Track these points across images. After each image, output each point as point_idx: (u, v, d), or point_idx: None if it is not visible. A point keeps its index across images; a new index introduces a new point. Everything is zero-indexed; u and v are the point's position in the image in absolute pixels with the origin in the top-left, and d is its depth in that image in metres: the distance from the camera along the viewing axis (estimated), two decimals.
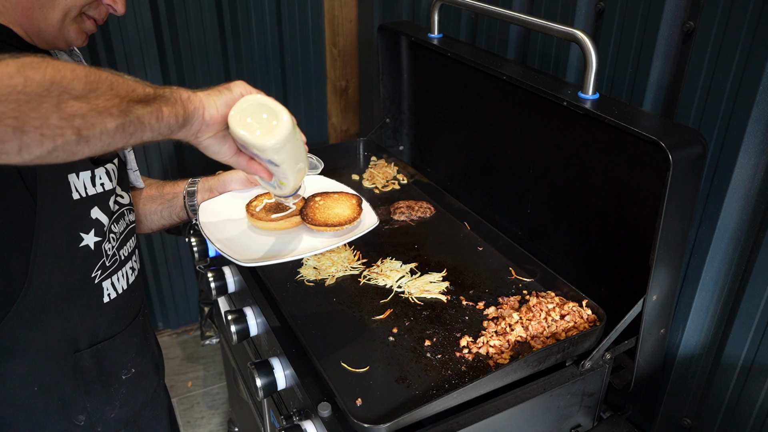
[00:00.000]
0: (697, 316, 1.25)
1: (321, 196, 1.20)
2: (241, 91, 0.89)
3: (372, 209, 1.19)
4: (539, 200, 1.50)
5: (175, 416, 1.39)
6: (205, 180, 1.28)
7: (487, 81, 1.52)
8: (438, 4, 1.61)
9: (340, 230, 1.11)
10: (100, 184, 0.99)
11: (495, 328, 1.21)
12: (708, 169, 1.15)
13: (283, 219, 1.13)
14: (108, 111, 0.69)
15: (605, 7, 1.31)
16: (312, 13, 2.59)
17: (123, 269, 1.08)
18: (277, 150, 0.88)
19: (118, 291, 1.06)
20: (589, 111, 1.14)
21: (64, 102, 0.65)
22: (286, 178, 0.98)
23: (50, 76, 0.64)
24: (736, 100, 1.08)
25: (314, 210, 1.15)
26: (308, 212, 1.15)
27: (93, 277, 1.01)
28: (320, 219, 1.13)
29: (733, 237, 1.16)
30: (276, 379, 1.22)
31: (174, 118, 0.80)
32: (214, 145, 0.90)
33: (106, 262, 1.03)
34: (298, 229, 1.15)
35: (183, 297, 2.88)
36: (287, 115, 0.88)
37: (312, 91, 2.76)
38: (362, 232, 1.12)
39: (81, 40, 0.99)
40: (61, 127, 0.65)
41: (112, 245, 1.04)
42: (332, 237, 1.12)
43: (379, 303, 1.31)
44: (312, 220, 1.12)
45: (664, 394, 1.36)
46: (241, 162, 0.95)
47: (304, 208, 1.16)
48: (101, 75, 0.70)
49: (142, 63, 2.36)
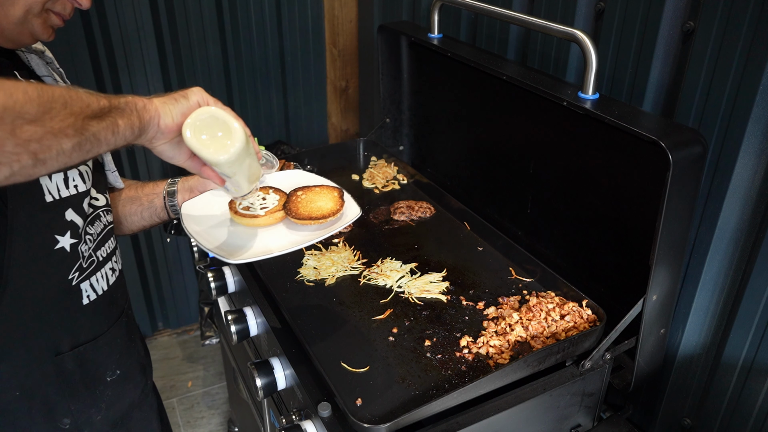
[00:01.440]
0: (697, 316, 1.25)
1: (303, 190, 1.21)
2: (198, 100, 0.89)
3: (354, 200, 1.20)
4: (539, 200, 1.50)
5: (167, 416, 1.38)
6: (185, 180, 1.28)
7: (487, 81, 1.52)
8: (438, 4, 1.61)
9: (324, 222, 1.12)
10: (73, 186, 0.98)
11: (495, 328, 1.21)
12: (708, 169, 1.15)
13: (267, 215, 1.14)
14: (64, 132, 0.69)
15: (605, 7, 1.31)
16: (312, 13, 2.59)
17: (102, 270, 1.07)
18: (229, 164, 0.90)
19: (98, 292, 1.05)
20: (589, 111, 1.14)
21: (18, 127, 0.64)
22: (238, 186, 1.02)
23: (2, 102, 0.63)
24: (736, 100, 1.08)
25: (297, 204, 1.16)
26: (291, 206, 1.15)
27: (70, 279, 1.00)
28: (304, 213, 1.14)
29: (733, 237, 1.16)
30: (276, 379, 1.22)
31: (130, 129, 0.80)
32: (168, 151, 0.92)
33: (83, 263, 1.02)
34: (282, 224, 1.16)
35: (183, 297, 2.88)
36: (240, 131, 0.89)
37: (312, 91, 2.76)
38: (346, 223, 1.13)
39: (47, 34, 0.96)
40: (17, 153, 0.64)
41: (88, 246, 1.03)
42: (317, 230, 1.13)
43: (379, 303, 1.31)
44: (296, 215, 1.13)
45: (664, 394, 1.36)
46: (194, 167, 0.96)
47: (287, 202, 1.17)
48: (54, 93, 0.69)
49: (142, 63, 2.36)
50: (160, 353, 2.84)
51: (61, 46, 2.17)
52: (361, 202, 1.70)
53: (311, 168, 1.89)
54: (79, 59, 2.24)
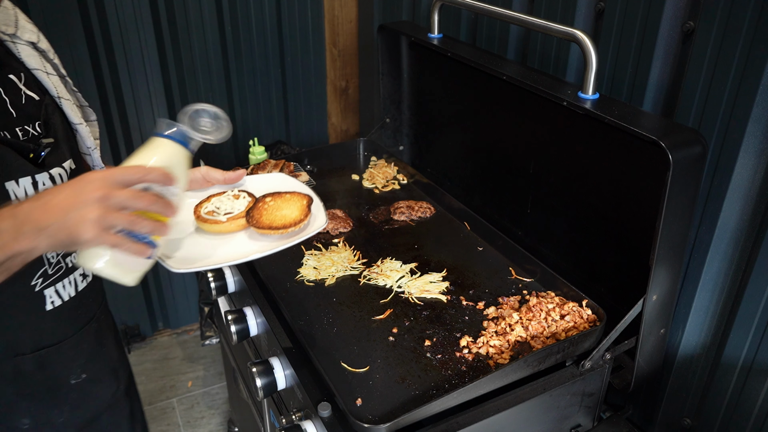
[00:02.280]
0: (697, 316, 1.25)
1: (272, 196, 1.13)
2: (91, 238, 0.75)
3: (324, 209, 1.13)
4: (539, 200, 1.50)
5: (144, 421, 1.35)
6: None
7: (487, 81, 1.52)
8: (438, 4, 1.61)
9: (285, 233, 1.06)
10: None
11: (495, 328, 1.21)
12: (708, 169, 1.15)
13: (229, 221, 1.08)
14: None
15: (605, 7, 1.31)
16: (312, 13, 2.59)
17: (71, 277, 1.05)
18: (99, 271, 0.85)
19: (63, 298, 1.04)
20: (589, 111, 1.14)
21: None
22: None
23: None
24: (736, 100, 1.08)
25: (261, 212, 1.10)
26: (254, 214, 1.09)
27: (33, 285, 0.98)
28: (265, 222, 1.07)
29: (733, 237, 1.16)
30: (276, 379, 1.22)
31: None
32: None
33: (49, 270, 1.00)
34: (243, 233, 1.09)
35: (183, 297, 2.88)
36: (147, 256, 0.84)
37: (312, 91, 2.76)
38: (308, 234, 1.07)
39: None
40: None
41: (56, 253, 1.00)
42: (277, 240, 1.06)
43: (379, 303, 1.31)
44: (257, 223, 1.07)
45: (664, 394, 1.36)
46: None
47: (251, 209, 1.10)
48: None
49: (142, 63, 2.36)
50: (160, 353, 2.84)
51: (61, 46, 2.17)
52: (361, 202, 1.71)
53: (311, 168, 1.89)
54: (79, 59, 2.24)
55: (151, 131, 0.90)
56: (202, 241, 1.07)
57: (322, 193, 1.77)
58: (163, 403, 2.58)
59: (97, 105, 2.35)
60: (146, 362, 2.79)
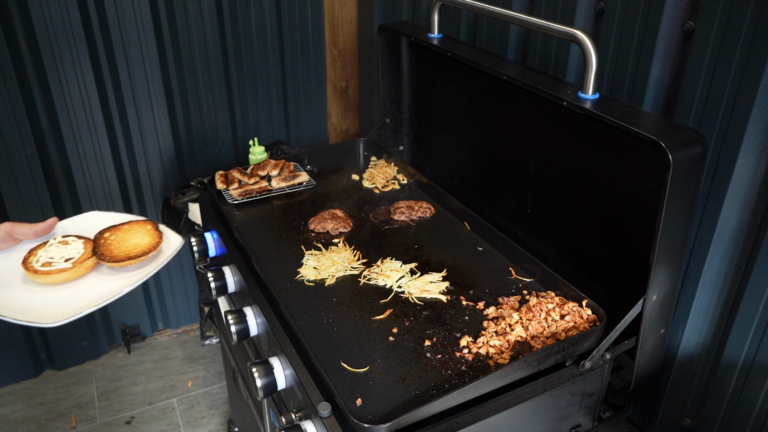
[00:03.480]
0: (697, 316, 1.25)
1: (110, 230, 1.10)
2: None
3: (170, 229, 1.12)
4: (539, 200, 1.50)
5: None
6: None
7: (487, 81, 1.52)
8: (438, 4, 1.61)
9: (146, 259, 1.04)
10: None
11: (495, 328, 1.21)
12: (708, 169, 1.15)
13: (75, 266, 1.02)
14: None
15: (605, 7, 1.31)
16: (312, 13, 2.60)
17: None
18: None
19: None
20: (589, 111, 1.14)
21: None
22: None
23: None
24: (736, 100, 1.08)
25: (109, 247, 1.05)
26: (103, 251, 1.04)
27: None
28: (120, 254, 1.04)
29: (733, 237, 1.16)
30: (276, 379, 1.22)
31: None
32: None
33: None
34: (92, 273, 1.05)
35: (183, 297, 2.89)
36: None
37: (312, 91, 2.76)
38: (173, 254, 1.06)
39: None
40: None
41: None
42: (138, 268, 1.03)
43: (379, 303, 1.31)
44: (111, 258, 1.03)
45: (664, 394, 1.36)
46: None
47: (96, 248, 1.05)
48: None
49: (142, 63, 2.37)
50: (160, 353, 2.84)
51: (63, 46, 2.17)
52: (361, 202, 1.71)
53: (311, 168, 1.89)
54: (79, 59, 2.24)
55: (150, 131, 0.89)
56: (54, 293, 1.01)
57: (322, 193, 1.77)
58: (163, 403, 2.58)
59: (97, 105, 2.36)
60: (146, 362, 2.79)
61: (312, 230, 1.57)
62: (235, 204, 1.69)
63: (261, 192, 1.72)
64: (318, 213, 1.62)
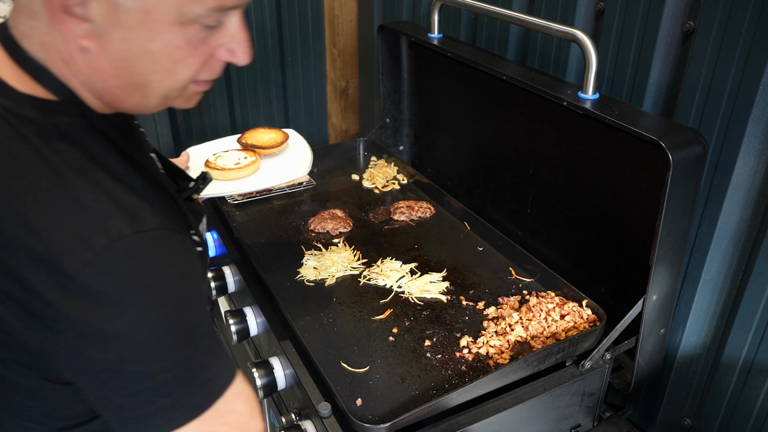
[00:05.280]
0: (697, 316, 1.25)
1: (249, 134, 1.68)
2: None
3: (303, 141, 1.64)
4: (539, 200, 1.50)
5: None
6: None
7: (487, 81, 1.52)
8: (438, 4, 1.61)
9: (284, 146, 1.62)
10: None
11: (495, 328, 1.21)
12: (708, 169, 1.15)
13: (242, 168, 1.47)
14: None
15: (605, 7, 1.31)
16: (312, 13, 2.59)
17: None
18: None
19: None
20: (589, 111, 1.14)
21: None
22: None
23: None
24: (736, 100, 1.08)
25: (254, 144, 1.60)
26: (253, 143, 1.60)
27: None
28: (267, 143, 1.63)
29: (733, 237, 1.16)
30: (276, 379, 1.22)
31: None
32: None
33: None
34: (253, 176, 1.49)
35: None
36: None
37: (312, 91, 2.76)
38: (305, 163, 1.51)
39: (191, 103, 0.80)
40: None
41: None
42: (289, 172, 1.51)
43: (379, 303, 1.31)
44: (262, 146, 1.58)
45: (664, 394, 1.36)
46: None
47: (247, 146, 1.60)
48: None
49: None
50: None
51: None
52: (361, 202, 1.71)
53: (311, 168, 1.88)
54: None
55: (150, 131, 0.90)
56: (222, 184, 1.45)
57: (322, 193, 1.77)
58: None
59: None
60: None
61: (312, 230, 1.57)
62: (235, 204, 1.69)
63: (261, 192, 1.72)
64: (318, 213, 1.62)
